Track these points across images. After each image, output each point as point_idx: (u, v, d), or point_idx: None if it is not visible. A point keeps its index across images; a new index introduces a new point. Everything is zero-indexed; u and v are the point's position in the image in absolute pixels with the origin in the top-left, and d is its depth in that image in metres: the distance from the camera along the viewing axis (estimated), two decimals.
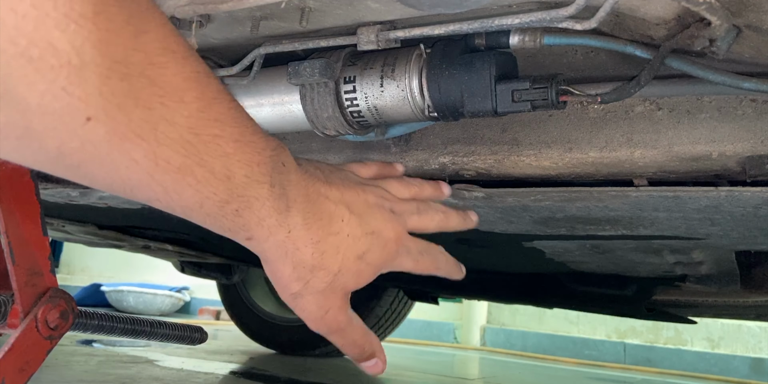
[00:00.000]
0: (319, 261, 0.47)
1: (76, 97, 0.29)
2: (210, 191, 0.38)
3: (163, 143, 0.34)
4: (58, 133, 0.30)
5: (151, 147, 0.33)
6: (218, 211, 0.40)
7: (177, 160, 0.35)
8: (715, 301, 1.44)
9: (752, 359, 3.58)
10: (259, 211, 0.42)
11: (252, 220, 0.42)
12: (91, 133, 0.31)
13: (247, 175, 0.40)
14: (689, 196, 0.75)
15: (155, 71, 0.32)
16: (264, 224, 0.43)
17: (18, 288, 0.77)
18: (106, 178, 0.34)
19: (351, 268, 0.49)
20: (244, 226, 0.42)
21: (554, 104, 0.63)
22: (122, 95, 0.31)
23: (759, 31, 0.55)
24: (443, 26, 0.61)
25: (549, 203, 0.85)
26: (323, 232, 0.47)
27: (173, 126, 0.34)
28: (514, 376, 2.81)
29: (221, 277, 2.42)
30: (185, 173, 0.36)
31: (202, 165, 0.36)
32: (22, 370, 0.75)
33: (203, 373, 1.90)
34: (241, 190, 0.40)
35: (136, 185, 0.35)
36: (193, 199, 0.38)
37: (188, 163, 0.36)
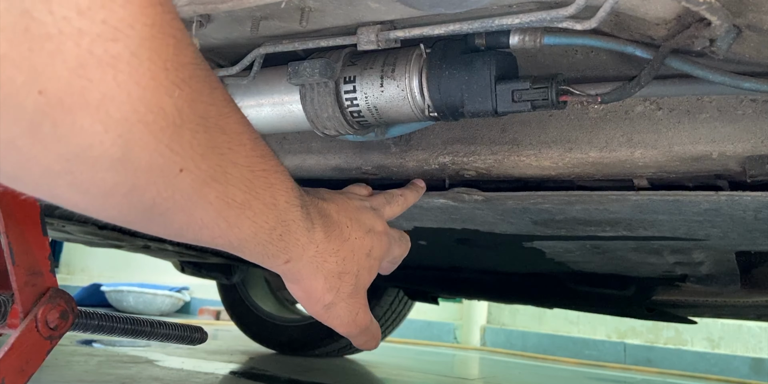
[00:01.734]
0: (342, 267, 0.53)
1: (175, 152, 0.32)
2: (263, 220, 0.42)
3: (230, 183, 0.37)
4: (157, 186, 0.33)
5: (223, 188, 0.37)
6: (267, 238, 0.44)
7: (240, 196, 0.39)
8: (715, 301, 1.43)
9: (752, 359, 3.57)
10: (295, 232, 0.47)
11: (291, 242, 0.47)
12: (181, 183, 0.34)
13: (287, 201, 0.44)
14: (689, 200, 0.75)
15: (224, 121, 0.36)
16: (299, 244, 0.48)
17: (18, 288, 0.77)
18: (182, 222, 0.37)
19: (364, 265, 0.55)
20: (284, 248, 0.47)
21: (554, 104, 0.63)
22: (204, 146, 0.34)
23: (759, 31, 0.55)
24: (443, 26, 0.61)
25: (549, 206, 0.85)
26: (339, 240, 0.53)
27: (237, 167, 0.38)
28: (514, 376, 2.81)
29: (221, 277, 2.42)
30: (245, 207, 0.40)
31: (258, 198, 0.40)
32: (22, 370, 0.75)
33: (203, 373, 1.90)
34: (284, 215, 0.44)
35: (205, 225, 0.38)
36: (249, 230, 0.42)
37: (248, 198, 0.39)
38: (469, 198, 0.85)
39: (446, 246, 1.26)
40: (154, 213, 0.35)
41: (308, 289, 0.53)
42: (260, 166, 0.40)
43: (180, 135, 0.32)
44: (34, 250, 0.79)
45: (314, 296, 0.53)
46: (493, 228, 1.05)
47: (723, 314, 1.63)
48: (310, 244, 0.50)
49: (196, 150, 0.34)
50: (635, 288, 1.44)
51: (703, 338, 3.74)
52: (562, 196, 0.79)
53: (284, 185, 0.44)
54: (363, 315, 0.57)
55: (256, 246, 0.44)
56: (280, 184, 0.43)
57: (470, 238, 1.17)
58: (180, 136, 0.32)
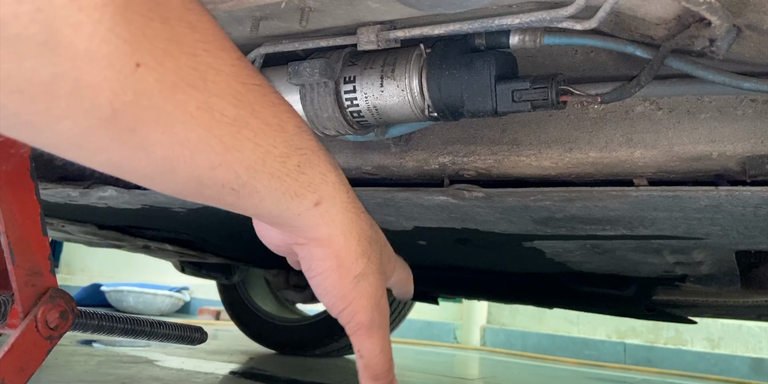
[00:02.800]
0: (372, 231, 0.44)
1: (123, 40, 0.27)
2: (269, 143, 0.35)
3: (214, 93, 0.31)
4: (110, 83, 0.27)
5: (204, 97, 0.31)
6: (281, 168, 0.36)
7: (231, 111, 0.32)
8: (715, 301, 1.44)
9: (752, 359, 3.58)
10: (318, 165, 0.39)
11: (316, 177, 0.39)
12: (142, 82, 0.28)
13: (298, 126, 0.37)
14: (689, 196, 0.75)
15: (193, 17, 0.30)
16: (328, 181, 0.40)
17: (18, 288, 0.77)
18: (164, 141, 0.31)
19: (386, 245, 0.46)
20: (309, 184, 0.39)
21: (554, 104, 0.63)
22: (167, 39, 0.29)
23: (759, 31, 0.55)
24: (443, 26, 0.61)
25: (549, 203, 0.85)
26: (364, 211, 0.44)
27: (220, 75, 0.32)
28: (514, 376, 2.81)
29: (221, 277, 2.42)
30: (241, 125, 0.33)
31: (256, 115, 0.34)
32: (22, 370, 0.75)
33: (203, 373, 1.90)
34: (297, 141, 0.37)
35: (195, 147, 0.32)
36: (254, 156, 0.35)
37: (242, 114, 0.33)
38: (469, 195, 0.85)
39: (446, 246, 1.26)
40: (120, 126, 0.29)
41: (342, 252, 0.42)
42: (254, 80, 0.34)
43: (127, 19, 0.27)
44: (34, 250, 0.79)
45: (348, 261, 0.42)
46: (493, 227, 1.05)
47: (723, 314, 1.63)
48: (342, 184, 0.41)
49: (153, 43, 0.28)
50: (635, 288, 1.44)
51: (703, 338, 3.74)
52: (563, 193, 0.79)
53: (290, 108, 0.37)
54: (385, 300, 0.46)
55: (272, 180, 0.36)
56: (286, 105, 0.37)
57: (470, 238, 1.17)
58: (127, 21, 0.27)
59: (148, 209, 1.26)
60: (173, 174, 0.33)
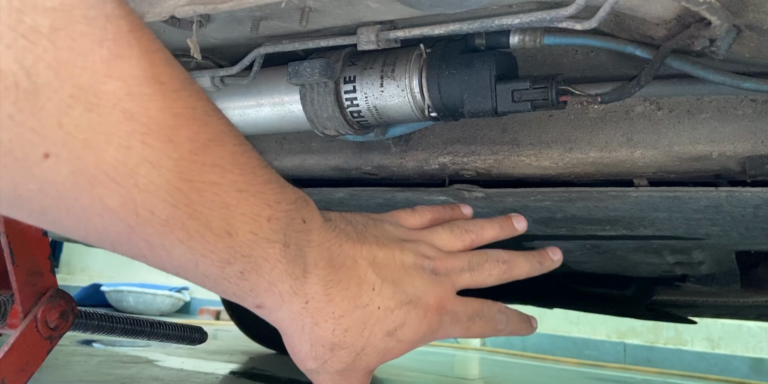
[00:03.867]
0: (341, 339, 0.40)
1: (28, 128, 0.24)
2: (206, 249, 0.32)
3: (144, 189, 0.28)
4: (10, 171, 0.25)
5: (129, 193, 0.28)
6: (218, 272, 0.34)
7: (163, 210, 0.29)
8: (715, 301, 1.44)
9: (752, 359, 3.58)
10: (269, 274, 0.36)
11: (261, 285, 0.36)
12: (51, 173, 0.26)
13: (254, 232, 0.34)
14: (689, 196, 0.75)
15: (135, 104, 0.27)
16: (275, 290, 0.37)
17: (18, 288, 0.77)
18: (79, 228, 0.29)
19: (378, 346, 0.42)
20: (251, 291, 0.36)
21: (554, 104, 0.63)
22: (90, 129, 0.26)
23: (759, 31, 0.55)
24: (443, 26, 0.61)
25: (549, 203, 0.85)
26: (348, 304, 0.40)
27: (157, 170, 0.28)
28: (514, 376, 2.81)
29: None
30: (174, 227, 0.30)
31: (195, 217, 0.31)
32: (22, 370, 0.75)
33: (203, 373, 1.90)
34: (247, 249, 0.34)
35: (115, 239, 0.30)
36: (185, 258, 0.32)
37: (177, 214, 0.30)
38: (470, 195, 0.85)
39: None
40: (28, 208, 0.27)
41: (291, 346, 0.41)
42: (205, 178, 0.31)
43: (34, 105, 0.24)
44: (34, 250, 0.79)
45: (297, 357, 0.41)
46: None
47: (723, 314, 1.63)
48: (295, 295, 0.38)
49: (70, 132, 0.25)
50: (635, 288, 1.44)
51: (703, 338, 3.74)
52: (563, 193, 0.79)
53: (253, 210, 0.33)
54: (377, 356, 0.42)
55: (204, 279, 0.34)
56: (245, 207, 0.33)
57: None
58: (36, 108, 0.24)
59: None
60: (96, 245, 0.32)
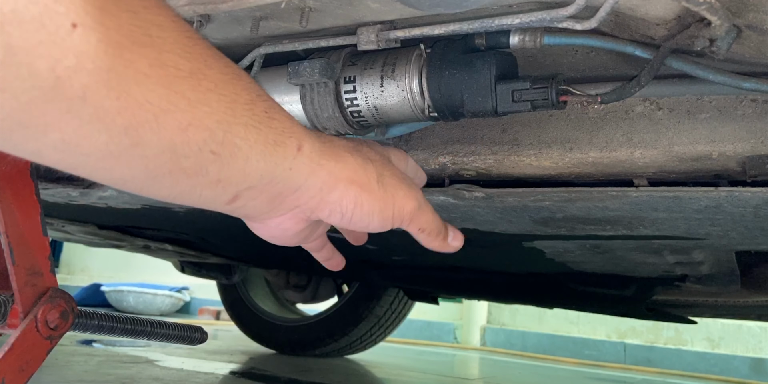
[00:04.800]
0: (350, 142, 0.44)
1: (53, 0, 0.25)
2: (232, 92, 0.33)
3: (163, 48, 0.29)
4: (47, 47, 0.25)
5: (154, 53, 0.29)
6: (253, 116, 0.34)
7: (185, 64, 0.30)
8: (715, 301, 1.44)
9: (752, 359, 3.58)
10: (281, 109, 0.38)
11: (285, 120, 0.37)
12: (83, 44, 0.26)
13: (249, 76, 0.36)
14: (689, 197, 0.75)
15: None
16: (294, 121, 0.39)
17: (18, 288, 0.77)
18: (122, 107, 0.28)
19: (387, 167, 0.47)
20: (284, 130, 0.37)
21: (554, 104, 0.63)
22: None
23: (759, 31, 0.55)
24: (443, 26, 0.61)
25: (549, 203, 0.85)
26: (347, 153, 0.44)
27: (165, 30, 0.30)
28: (514, 376, 2.81)
29: (221, 277, 2.42)
30: (200, 77, 0.31)
31: (210, 66, 0.32)
32: (22, 370, 0.75)
33: (203, 373, 1.90)
34: (257, 88, 0.36)
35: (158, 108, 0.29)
36: (222, 106, 0.32)
37: (198, 66, 0.31)
38: (469, 195, 0.85)
39: None
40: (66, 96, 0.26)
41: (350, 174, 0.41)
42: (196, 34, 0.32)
43: None
44: (34, 250, 0.79)
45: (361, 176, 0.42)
46: (493, 227, 1.05)
47: (723, 314, 1.63)
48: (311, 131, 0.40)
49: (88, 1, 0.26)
50: (635, 288, 1.44)
51: (703, 338, 3.74)
52: (562, 193, 0.79)
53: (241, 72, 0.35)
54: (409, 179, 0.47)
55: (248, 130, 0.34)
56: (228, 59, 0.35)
57: (470, 238, 1.17)
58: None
59: (148, 209, 1.26)
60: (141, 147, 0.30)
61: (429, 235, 0.50)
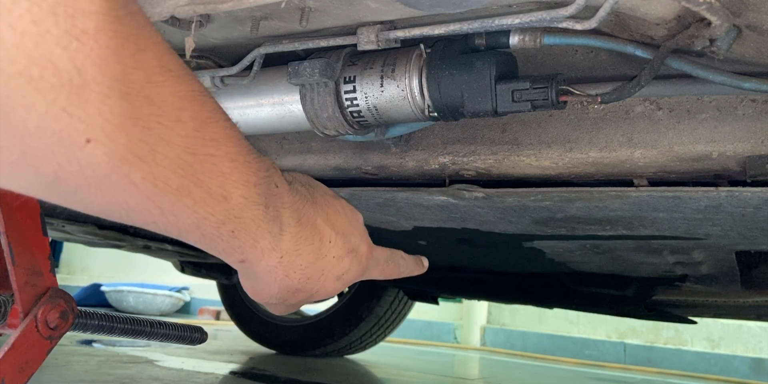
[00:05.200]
0: (303, 285, 0.49)
1: (77, 118, 0.28)
2: (207, 212, 0.37)
3: (161, 164, 0.33)
4: (56, 156, 0.29)
5: (149, 168, 0.32)
6: (214, 231, 0.39)
7: (175, 180, 0.34)
8: (715, 301, 1.44)
9: (752, 359, 3.57)
10: (254, 233, 0.42)
11: (247, 242, 0.42)
12: (90, 156, 0.29)
13: (244, 196, 0.39)
14: (689, 197, 0.75)
15: (153, 90, 0.31)
16: (258, 247, 0.43)
17: (18, 288, 0.77)
18: (103, 203, 0.33)
19: (328, 288, 0.51)
20: (239, 247, 0.42)
21: (554, 104, 0.63)
22: (121, 115, 0.30)
23: (759, 31, 0.55)
24: (443, 26, 0.61)
25: (549, 203, 0.85)
26: (312, 256, 0.48)
27: (170, 146, 0.33)
28: (514, 376, 2.81)
29: (221, 277, 2.42)
30: (182, 194, 0.35)
31: (199, 185, 0.36)
32: (22, 370, 0.75)
33: (203, 373, 1.90)
34: (238, 211, 0.39)
35: (133, 209, 0.34)
36: (189, 221, 0.37)
37: (186, 183, 0.35)
38: (469, 195, 0.85)
39: (446, 246, 1.26)
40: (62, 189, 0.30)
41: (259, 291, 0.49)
42: (206, 150, 0.35)
43: (82, 98, 0.27)
44: (34, 250, 0.79)
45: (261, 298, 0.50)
46: (493, 227, 1.05)
47: (723, 314, 1.63)
48: (273, 251, 0.44)
49: (107, 119, 0.29)
50: (635, 288, 1.44)
51: (703, 338, 3.74)
52: (562, 193, 0.79)
53: (243, 178, 0.39)
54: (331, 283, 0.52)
55: (201, 238, 0.39)
56: (237, 175, 0.38)
57: (470, 238, 1.17)
58: (83, 100, 0.27)
59: None
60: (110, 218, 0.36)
61: None
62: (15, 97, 0.26)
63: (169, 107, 0.32)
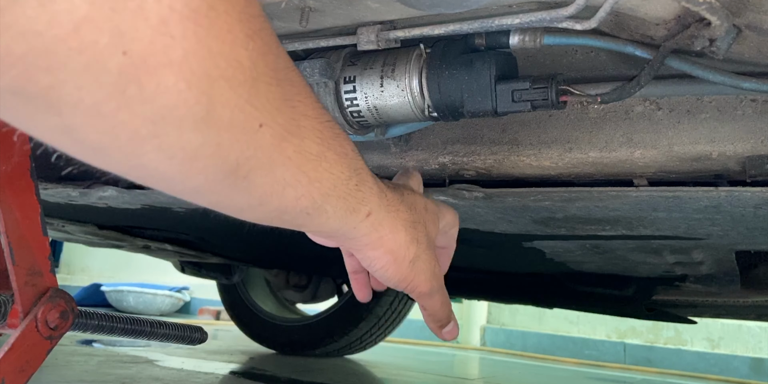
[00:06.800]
0: (412, 215, 0.51)
1: (255, 107, 0.31)
2: (339, 170, 0.41)
3: (305, 136, 0.37)
4: (240, 144, 0.32)
5: (298, 141, 0.36)
6: (345, 189, 0.42)
7: (314, 148, 0.38)
8: (715, 301, 1.43)
9: (752, 359, 3.57)
10: (367, 181, 0.45)
11: (366, 191, 0.45)
12: (261, 139, 0.33)
13: (353, 149, 0.43)
14: (689, 196, 0.75)
15: (291, 73, 0.35)
16: (373, 192, 0.46)
17: (18, 288, 0.77)
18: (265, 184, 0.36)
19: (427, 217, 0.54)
20: (363, 199, 0.45)
21: (554, 104, 0.63)
22: (278, 99, 0.33)
23: (759, 31, 0.55)
24: (443, 26, 0.61)
25: (549, 203, 0.85)
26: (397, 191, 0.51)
27: (308, 119, 0.37)
28: (514, 376, 2.81)
29: (221, 277, 2.42)
30: (321, 159, 0.39)
31: (330, 148, 0.39)
32: (22, 370, 0.75)
33: (203, 373, 1.90)
34: (355, 162, 0.43)
35: (288, 183, 0.37)
36: (329, 183, 0.40)
37: (322, 149, 0.38)
38: (469, 195, 0.85)
39: None
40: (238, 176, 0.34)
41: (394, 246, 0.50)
42: (326, 117, 0.39)
43: (257, 89, 0.31)
44: (34, 250, 0.79)
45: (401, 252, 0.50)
46: (493, 227, 1.05)
47: (723, 314, 1.63)
48: (382, 192, 0.48)
49: (272, 104, 0.33)
50: (635, 288, 1.44)
51: (703, 338, 3.74)
52: (562, 193, 0.79)
53: (345, 135, 0.43)
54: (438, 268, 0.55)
55: (338, 200, 0.42)
56: (343, 133, 0.42)
57: (470, 238, 1.17)
58: (257, 90, 0.31)
59: (148, 209, 1.26)
60: (263, 207, 0.38)
61: (429, 316, 0.58)
62: (216, 96, 0.29)
63: (301, 85, 0.36)
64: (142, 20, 0.25)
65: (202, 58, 0.28)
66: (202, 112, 0.29)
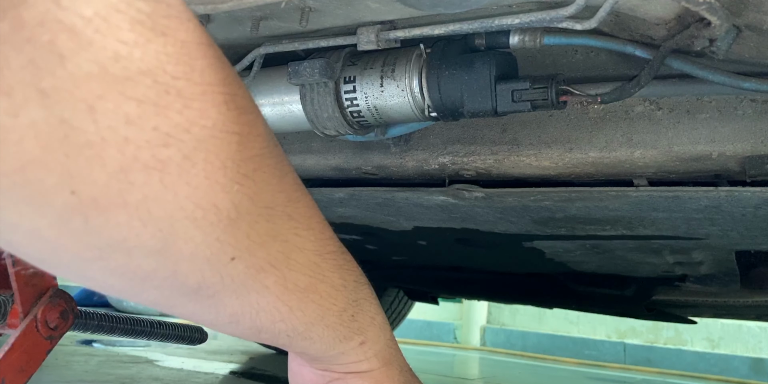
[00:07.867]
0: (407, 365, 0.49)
1: (227, 243, 0.30)
2: (330, 303, 0.39)
3: (293, 269, 0.35)
4: (203, 272, 0.31)
5: (282, 273, 0.34)
6: (337, 320, 0.41)
7: (304, 281, 0.36)
8: (715, 301, 1.43)
9: (752, 359, 3.58)
10: (368, 311, 0.44)
11: (365, 322, 0.43)
12: (232, 270, 0.32)
13: (356, 280, 0.41)
14: (689, 196, 0.75)
15: (292, 207, 0.34)
16: (375, 323, 0.45)
17: (18, 288, 0.77)
18: (235, 305, 0.35)
19: None
20: (358, 329, 0.43)
21: (554, 104, 0.63)
22: (266, 234, 0.32)
23: (759, 31, 0.55)
24: (443, 26, 0.61)
25: (549, 203, 0.85)
26: None
27: (303, 252, 0.35)
28: (514, 376, 2.81)
29: None
30: (309, 291, 0.37)
31: (324, 281, 0.38)
32: (22, 370, 0.75)
33: (203, 373, 1.90)
34: (354, 294, 0.41)
35: (263, 309, 0.36)
36: (315, 314, 0.38)
37: (313, 282, 0.37)
38: (469, 195, 0.85)
39: (446, 246, 1.26)
40: (200, 296, 0.33)
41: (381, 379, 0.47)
42: (329, 248, 0.38)
43: (234, 227, 0.30)
44: None
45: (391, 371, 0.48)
46: (493, 227, 1.05)
47: (723, 314, 1.63)
48: (385, 324, 0.46)
49: (253, 239, 0.31)
50: (635, 288, 1.44)
51: (703, 338, 3.75)
52: (562, 193, 0.79)
53: (352, 264, 0.41)
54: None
55: (325, 329, 0.41)
56: (348, 263, 0.41)
57: (470, 238, 1.17)
58: (234, 229, 0.30)
59: None
60: (236, 325, 0.37)
61: None
62: (177, 234, 0.28)
63: (303, 218, 0.35)
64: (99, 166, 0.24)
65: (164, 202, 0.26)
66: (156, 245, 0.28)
